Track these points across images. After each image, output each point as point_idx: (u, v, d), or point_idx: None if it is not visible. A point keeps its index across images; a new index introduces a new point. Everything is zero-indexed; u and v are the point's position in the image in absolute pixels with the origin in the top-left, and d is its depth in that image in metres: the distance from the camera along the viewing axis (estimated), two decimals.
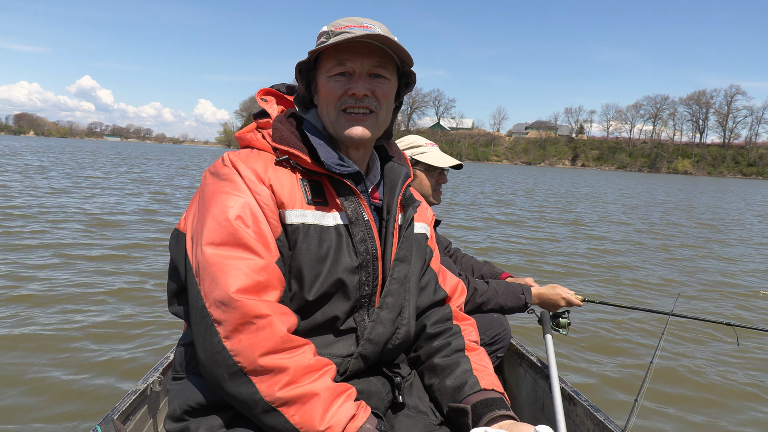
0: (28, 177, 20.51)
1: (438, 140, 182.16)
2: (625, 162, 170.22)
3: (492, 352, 2.81)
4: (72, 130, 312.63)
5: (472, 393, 1.51)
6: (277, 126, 1.50)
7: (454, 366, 1.59)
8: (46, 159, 36.55)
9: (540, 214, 18.42)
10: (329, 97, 1.47)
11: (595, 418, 2.20)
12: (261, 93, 1.64)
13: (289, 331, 1.27)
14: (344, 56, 1.43)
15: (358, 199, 1.48)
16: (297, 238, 1.39)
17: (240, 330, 1.21)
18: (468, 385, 1.53)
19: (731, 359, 5.22)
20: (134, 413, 2.07)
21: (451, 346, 1.64)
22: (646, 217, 19.20)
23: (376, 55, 1.44)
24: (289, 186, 1.42)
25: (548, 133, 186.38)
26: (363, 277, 1.46)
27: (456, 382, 1.55)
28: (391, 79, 1.50)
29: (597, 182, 54.84)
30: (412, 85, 1.59)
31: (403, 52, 1.45)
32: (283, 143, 1.45)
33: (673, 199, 31.60)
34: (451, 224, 14.03)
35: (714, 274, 9.34)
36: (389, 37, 1.41)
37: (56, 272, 6.76)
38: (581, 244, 12.10)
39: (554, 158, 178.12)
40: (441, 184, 2.84)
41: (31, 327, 4.93)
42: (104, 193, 16.78)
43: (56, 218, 10.93)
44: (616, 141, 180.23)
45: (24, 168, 25.47)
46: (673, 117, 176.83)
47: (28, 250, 7.93)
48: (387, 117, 1.55)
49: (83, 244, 8.67)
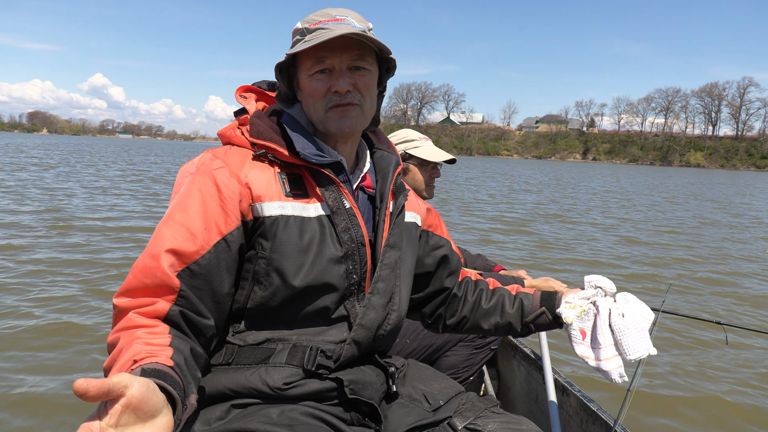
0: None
1: (448, 135, 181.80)
2: (636, 155, 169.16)
3: (486, 344, 2.83)
4: (84, 127, 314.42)
5: (532, 303, 1.79)
6: (254, 121, 1.49)
7: (500, 299, 1.84)
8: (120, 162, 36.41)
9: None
10: (314, 96, 1.46)
11: (588, 409, 2.22)
12: (240, 90, 1.63)
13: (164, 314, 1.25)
14: (322, 54, 1.43)
15: (338, 188, 1.47)
16: (276, 230, 1.37)
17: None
18: (525, 299, 1.81)
19: (723, 353, 5.27)
20: None
21: (483, 291, 1.87)
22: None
23: (354, 48, 1.44)
24: (266, 180, 1.41)
25: (559, 126, 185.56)
26: (350, 266, 1.46)
27: (515, 307, 1.81)
28: (372, 68, 1.50)
29: (626, 177, 53.89)
30: (393, 70, 1.58)
31: (378, 43, 1.45)
32: (260, 137, 1.44)
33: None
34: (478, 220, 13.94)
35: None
36: (365, 31, 1.41)
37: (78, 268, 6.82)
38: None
39: (565, 152, 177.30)
40: (434, 178, 2.85)
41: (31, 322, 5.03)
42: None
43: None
44: (628, 134, 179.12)
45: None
46: (685, 109, 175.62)
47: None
48: (372, 106, 1.55)
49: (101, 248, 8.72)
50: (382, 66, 1.56)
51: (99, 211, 12.20)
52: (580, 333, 1.65)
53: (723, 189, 38.78)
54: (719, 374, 4.77)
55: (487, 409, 1.59)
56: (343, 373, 1.43)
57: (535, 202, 21.00)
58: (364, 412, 1.46)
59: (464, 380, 2.79)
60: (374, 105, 1.57)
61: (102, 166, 29.39)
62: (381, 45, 1.46)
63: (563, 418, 2.40)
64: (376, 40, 1.43)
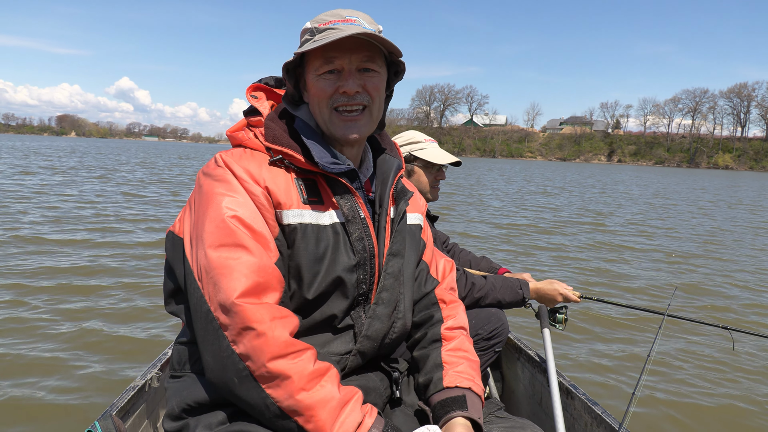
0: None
1: (471, 137, 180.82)
2: (663, 157, 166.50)
3: (490, 346, 2.81)
4: (111, 130, 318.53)
5: (435, 392, 1.51)
6: (270, 125, 1.46)
7: (426, 359, 1.59)
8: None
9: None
10: (320, 96, 1.44)
11: (593, 412, 2.20)
12: (251, 89, 1.59)
13: (291, 335, 1.26)
14: (331, 54, 1.40)
15: (353, 197, 1.46)
16: (295, 238, 1.37)
17: (243, 335, 1.21)
18: (433, 383, 1.53)
19: (729, 358, 5.22)
20: (133, 409, 2.09)
21: (427, 336, 1.64)
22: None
23: (363, 50, 1.41)
24: (284, 186, 1.39)
25: (583, 128, 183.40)
26: (361, 275, 1.45)
27: (425, 378, 1.56)
28: (381, 71, 1.47)
29: (662, 180, 52.43)
30: (401, 73, 1.56)
31: (390, 44, 1.42)
32: (276, 143, 1.42)
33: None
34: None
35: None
36: (375, 32, 1.38)
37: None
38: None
39: (590, 154, 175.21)
40: (439, 180, 2.84)
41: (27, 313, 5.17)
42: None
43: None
44: (654, 136, 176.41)
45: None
46: (713, 111, 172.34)
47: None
48: (380, 109, 1.52)
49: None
50: (390, 69, 1.53)
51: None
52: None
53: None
54: (725, 379, 4.75)
55: (491, 413, 1.58)
56: (347, 380, 1.43)
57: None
58: None
59: None
60: (381, 108, 1.54)
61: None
62: (392, 46, 1.43)
63: (568, 421, 2.38)
64: (387, 41, 1.41)
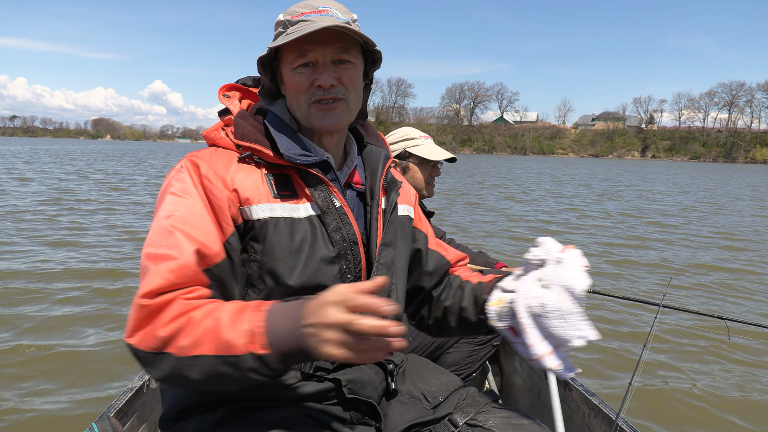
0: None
1: (501, 134, 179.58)
2: (698, 152, 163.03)
3: (488, 341, 2.83)
4: (145, 133, 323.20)
5: (482, 295, 1.62)
6: (238, 122, 1.45)
7: (460, 294, 1.69)
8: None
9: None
10: (297, 90, 1.42)
11: (590, 402, 2.21)
12: (223, 89, 1.57)
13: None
14: (305, 47, 1.38)
15: (327, 188, 1.43)
16: (266, 233, 1.35)
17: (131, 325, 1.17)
18: (478, 291, 1.64)
19: (725, 348, 5.23)
20: (130, 411, 2.10)
21: (452, 285, 1.74)
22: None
23: (337, 41, 1.38)
24: (253, 182, 1.38)
25: (616, 124, 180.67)
26: (343, 265, 1.43)
27: (471, 301, 1.65)
28: (356, 61, 1.44)
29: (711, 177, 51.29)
30: (378, 62, 1.52)
31: (362, 35, 1.39)
32: (245, 139, 1.41)
33: None
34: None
35: None
36: (349, 24, 1.37)
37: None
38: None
39: (623, 150, 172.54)
40: (434, 177, 2.84)
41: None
42: None
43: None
44: (689, 131, 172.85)
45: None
46: (750, 104, 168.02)
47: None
48: (357, 100, 1.50)
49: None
50: (367, 58, 1.51)
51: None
52: (511, 332, 1.49)
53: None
54: (721, 369, 4.77)
55: (487, 404, 1.58)
56: (341, 373, 1.42)
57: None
58: (363, 410, 1.45)
59: (467, 377, 2.79)
60: (359, 99, 1.52)
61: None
62: (365, 38, 1.41)
63: (566, 413, 2.39)
64: (359, 33, 1.38)
